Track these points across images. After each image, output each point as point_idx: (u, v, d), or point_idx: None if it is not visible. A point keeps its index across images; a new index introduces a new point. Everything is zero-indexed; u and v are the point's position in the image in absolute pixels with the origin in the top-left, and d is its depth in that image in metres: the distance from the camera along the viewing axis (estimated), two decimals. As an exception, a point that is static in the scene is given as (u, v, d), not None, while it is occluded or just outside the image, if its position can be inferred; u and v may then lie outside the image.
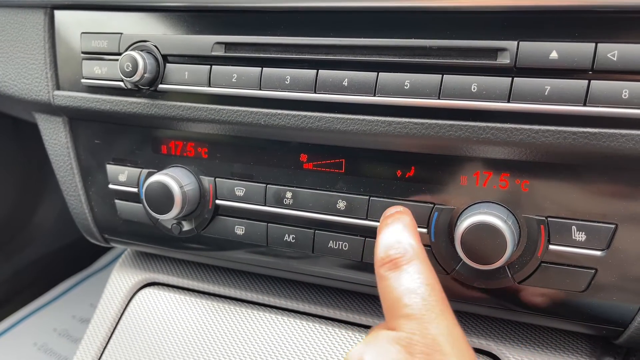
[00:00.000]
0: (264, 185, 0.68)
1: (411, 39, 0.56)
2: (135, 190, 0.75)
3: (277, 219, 0.68)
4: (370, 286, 0.68)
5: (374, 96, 0.58)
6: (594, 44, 0.50)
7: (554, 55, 0.51)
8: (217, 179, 0.70)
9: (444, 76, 0.55)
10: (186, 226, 0.73)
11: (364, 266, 0.66)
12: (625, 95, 0.49)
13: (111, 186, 0.77)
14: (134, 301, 0.83)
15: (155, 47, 0.67)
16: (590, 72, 0.50)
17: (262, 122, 0.63)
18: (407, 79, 0.56)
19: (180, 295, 0.81)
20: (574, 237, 0.56)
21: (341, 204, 0.65)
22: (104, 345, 0.81)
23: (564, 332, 0.67)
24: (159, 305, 0.81)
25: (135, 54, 0.65)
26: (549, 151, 0.54)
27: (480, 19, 0.54)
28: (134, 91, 0.69)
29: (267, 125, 0.63)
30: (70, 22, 0.73)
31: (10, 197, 1.31)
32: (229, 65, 0.64)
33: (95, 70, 0.71)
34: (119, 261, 0.89)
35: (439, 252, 0.61)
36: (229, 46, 0.64)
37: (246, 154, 0.69)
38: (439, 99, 0.55)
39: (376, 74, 0.58)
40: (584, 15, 0.51)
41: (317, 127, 0.61)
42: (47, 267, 1.44)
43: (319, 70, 0.60)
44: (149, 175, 0.73)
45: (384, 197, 0.63)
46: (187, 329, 0.77)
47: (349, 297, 0.75)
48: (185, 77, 0.66)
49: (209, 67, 0.64)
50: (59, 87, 0.76)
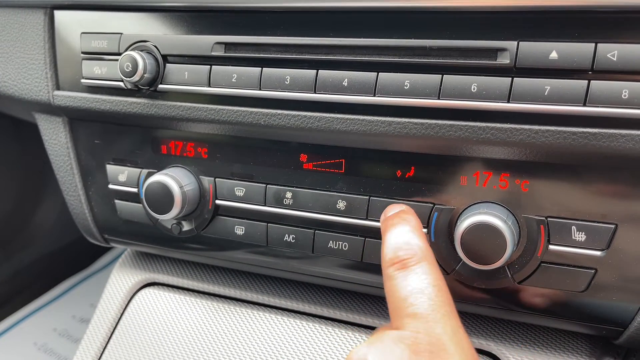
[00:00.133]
0: (264, 185, 0.68)
1: (411, 39, 0.56)
2: (135, 190, 0.75)
3: (277, 219, 0.68)
4: (370, 286, 0.68)
5: (374, 96, 0.58)
6: (593, 44, 0.50)
7: (553, 55, 0.51)
8: (217, 179, 0.70)
9: (444, 76, 0.55)
10: (186, 226, 0.73)
11: (364, 266, 0.66)
12: (625, 95, 0.49)
13: (111, 186, 0.77)
14: (134, 301, 0.83)
15: (155, 47, 0.67)
16: (590, 72, 0.50)
17: (262, 122, 0.63)
18: (407, 79, 0.56)
19: (180, 295, 0.81)
20: (573, 237, 0.56)
21: (341, 204, 0.65)
22: (104, 345, 0.81)
23: (564, 332, 0.67)
24: (159, 305, 0.81)
25: (135, 54, 0.65)
26: (549, 151, 0.54)
27: (480, 19, 0.54)
28: (134, 91, 0.69)
29: (267, 125, 0.63)
30: (70, 22, 0.73)
31: (10, 197, 1.31)
32: (228, 65, 0.64)
33: (95, 70, 0.71)
34: (119, 261, 0.89)
35: (438, 252, 0.61)
36: (228, 46, 0.64)
37: (246, 154, 0.69)
38: (438, 99, 0.55)
39: (376, 74, 0.58)
40: (584, 15, 0.51)
41: (317, 127, 0.61)
42: (47, 267, 1.44)
43: (319, 70, 0.60)
44: (149, 175, 0.73)
45: (384, 197, 0.63)
46: (187, 329, 0.77)
47: (349, 297, 0.75)
48: (185, 77, 0.66)
49: (209, 67, 0.64)
50: (58, 87, 0.76)
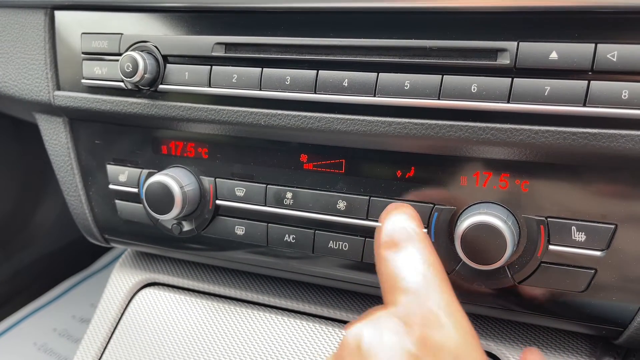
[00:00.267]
0: (264, 185, 0.68)
1: (411, 39, 0.56)
2: (135, 190, 0.75)
3: (277, 219, 0.68)
4: (370, 286, 0.68)
5: (374, 97, 0.58)
6: (593, 45, 0.50)
7: (553, 55, 0.51)
8: (217, 179, 0.70)
9: (444, 77, 0.55)
10: (186, 226, 0.73)
11: (364, 266, 0.66)
12: (625, 95, 0.49)
13: (111, 186, 0.77)
14: (134, 301, 0.83)
15: (155, 47, 0.67)
16: (590, 73, 0.50)
17: (263, 122, 0.63)
18: (407, 80, 0.56)
19: (180, 295, 0.81)
20: (573, 238, 0.57)
21: (341, 204, 0.65)
22: (104, 345, 0.81)
23: (564, 332, 0.67)
24: (159, 305, 0.81)
25: (135, 55, 0.65)
26: (549, 151, 0.54)
27: (480, 19, 0.54)
28: (134, 91, 0.69)
29: (268, 125, 0.63)
30: (70, 23, 0.73)
31: (10, 197, 1.31)
32: (229, 65, 0.64)
33: (95, 70, 0.71)
34: (119, 261, 0.90)
35: (438, 253, 0.60)
36: (229, 47, 0.64)
37: (246, 154, 0.69)
38: (438, 99, 0.55)
39: (376, 74, 0.58)
40: (583, 15, 0.51)
41: (317, 127, 0.61)
42: (47, 267, 1.44)
43: (319, 70, 0.60)
44: (149, 175, 0.73)
45: (384, 197, 0.63)
46: (187, 329, 0.77)
47: (349, 297, 0.75)
48: (185, 77, 0.66)
49: (209, 67, 0.64)
50: (59, 88, 0.76)
